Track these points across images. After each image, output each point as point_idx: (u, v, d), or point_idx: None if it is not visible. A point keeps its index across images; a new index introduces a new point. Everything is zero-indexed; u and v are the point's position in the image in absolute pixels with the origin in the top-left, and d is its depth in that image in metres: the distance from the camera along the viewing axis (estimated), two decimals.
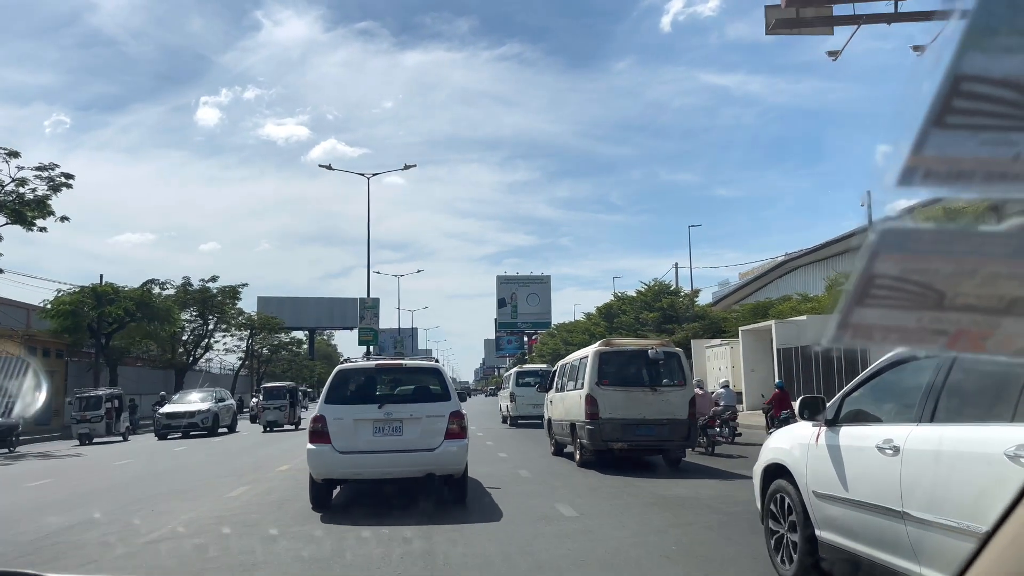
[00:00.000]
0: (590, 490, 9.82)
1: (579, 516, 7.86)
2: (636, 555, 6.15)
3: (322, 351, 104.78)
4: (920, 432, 3.81)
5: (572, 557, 6.11)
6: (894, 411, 4.26)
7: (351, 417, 8.51)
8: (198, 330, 48.52)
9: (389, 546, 6.45)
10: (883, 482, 3.98)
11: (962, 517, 3.35)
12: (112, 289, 35.02)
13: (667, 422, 11.79)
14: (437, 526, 7.32)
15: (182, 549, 6.84)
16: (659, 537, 6.78)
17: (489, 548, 6.40)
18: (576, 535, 6.91)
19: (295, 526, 7.65)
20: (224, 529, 7.62)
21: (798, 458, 4.99)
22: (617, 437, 11.76)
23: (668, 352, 12.51)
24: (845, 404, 4.70)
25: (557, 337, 59.49)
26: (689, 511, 8.04)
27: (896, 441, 3.91)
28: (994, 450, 3.25)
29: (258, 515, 8.45)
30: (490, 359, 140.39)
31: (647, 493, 9.39)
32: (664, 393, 12.03)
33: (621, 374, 12.19)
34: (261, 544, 6.85)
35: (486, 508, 8.46)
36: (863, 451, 4.25)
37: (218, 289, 47.39)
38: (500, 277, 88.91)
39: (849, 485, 4.37)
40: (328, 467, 8.46)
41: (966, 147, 0.58)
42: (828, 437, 4.65)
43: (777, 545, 5.24)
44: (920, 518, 3.66)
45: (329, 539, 6.92)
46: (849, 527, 4.38)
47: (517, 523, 7.54)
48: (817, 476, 4.72)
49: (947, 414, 3.72)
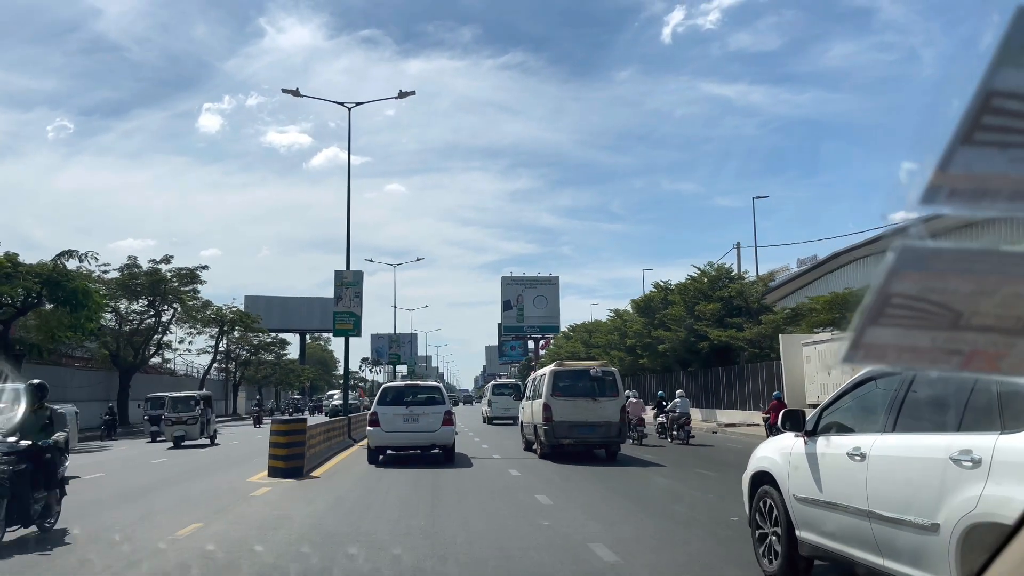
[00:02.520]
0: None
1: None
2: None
3: (316, 355, 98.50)
4: (884, 440, 4.25)
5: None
6: (863, 422, 4.61)
7: (391, 412, 15.00)
8: (149, 323, 39.05)
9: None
10: (852, 485, 4.38)
11: (918, 514, 3.76)
12: (10, 262, 25.37)
13: (604, 424, 15.18)
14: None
15: None
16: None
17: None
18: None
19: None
20: None
21: (781, 466, 5.30)
22: (566, 435, 15.10)
23: (606, 371, 16.20)
24: (823, 417, 5.03)
25: (575, 339, 54.44)
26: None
27: (863, 448, 4.33)
28: (941, 455, 3.73)
29: None
30: (492, 366, 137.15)
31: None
32: (602, 402, 15.35)
33: (570, 388, 15.61)
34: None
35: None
36: (836, 458, 4.61)
37: (172, 272, 38.26)
38: (505, 278, 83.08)
39: (824, 488, 4.72)
40: (379, 440, 15.01)
41: (994, 164, 0.57)
42: (807, 447, 5.02)
43: (762, 545, 5.55)
44: (883, 515, 4.07)
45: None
46: (824, 526, 4.72)
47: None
48: (797, 482, 5.03)
49: (906, 425, 4.15)
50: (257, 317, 52.86)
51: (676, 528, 7.76)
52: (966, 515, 3.43)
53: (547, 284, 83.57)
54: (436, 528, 7.70)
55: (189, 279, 39.41)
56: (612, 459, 15.19)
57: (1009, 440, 3.37)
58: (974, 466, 3.47)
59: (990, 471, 3.37)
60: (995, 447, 3.40)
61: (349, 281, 25.56)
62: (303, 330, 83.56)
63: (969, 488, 3.46)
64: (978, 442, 3.51)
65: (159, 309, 39.34)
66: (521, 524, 7.99)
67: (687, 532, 7.52)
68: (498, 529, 7.74)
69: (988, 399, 3.59)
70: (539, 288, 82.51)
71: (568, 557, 6.33)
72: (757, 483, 5.75)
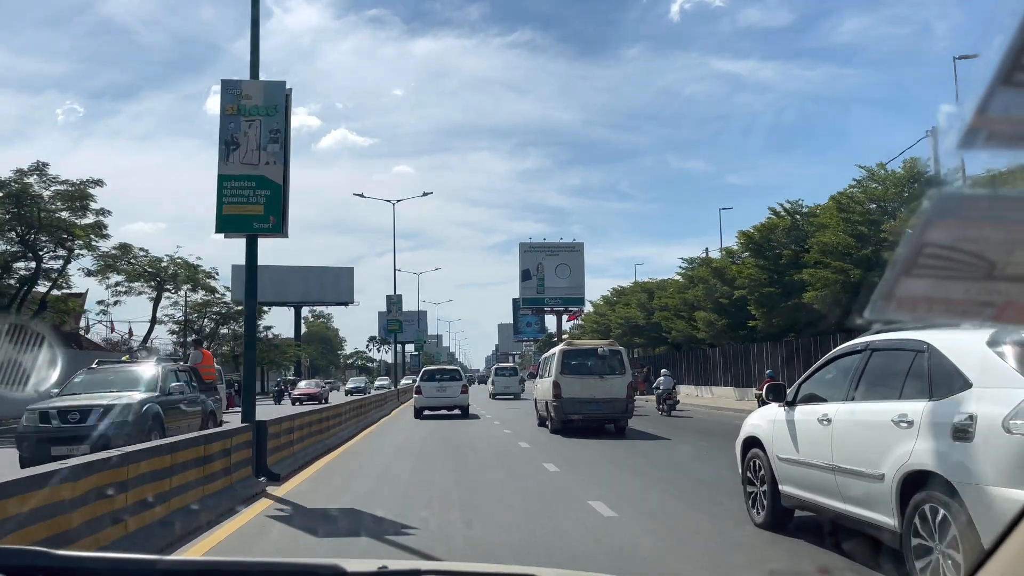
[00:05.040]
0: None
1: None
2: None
3: (319, 333, 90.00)
4: (844, 407, 5.20)
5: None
6: (831, 392, 5.56)
7: (429, 385, 23.40)
8: (18, 263, 27.07)
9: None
10: (821, 444, 5.36)
11: (868, 466, 4.67)
12: None
13: (611, 400, 15.92)
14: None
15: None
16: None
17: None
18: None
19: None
20: None
21: (767, 431, 6.29)
22: (575, 411, 15.95)
23: (613, 350, 17.14)
24: (801, 389, 6.04)
25: (626, 301, 43.68)
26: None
27: (830, 415, 5.30)
28: (885, 419, 4.64)
29: None
30: (505, 344, 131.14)
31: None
32: (609, 379, 16.16)
33: (578, 366, 16.47)
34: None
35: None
36: (809, 423, 5.58)
37: (52, 193, 25.60)
38: (524, 244, 74.67)
39: (800, 448, 5.71)
40: (421, 403, 23.13)
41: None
42: (787, 414, 6.01)
43: (752, 500, 6.59)
44: (843, 468, 4.98)
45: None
46: (800, 480, 5.68)
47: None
48: (779, 444, 6.00)
49: (862, 394, 5.08)
50: (212, 272, 42.05)
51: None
52: (902, 466, 4.35)
53: (570, 251, 74.04)
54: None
55: (76, 200, 26.02)
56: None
57: (934, 405, 4.27)
58: (908, 427, 4.38)
59: (919, 431, 4.28)
60: (923, 411, 4.30)
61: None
62: (299, 303, 74.00)
63: (905, 444, 4.37)
64: (912, 407, 4.41)
65: (35, 244, 26.30)
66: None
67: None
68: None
69: (921, 373, 4.49)
70: (561, 256, 73.15)
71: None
72: (748, 447, 6.70)
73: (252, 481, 8.33)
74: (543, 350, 67.20)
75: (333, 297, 75.00)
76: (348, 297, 75.18)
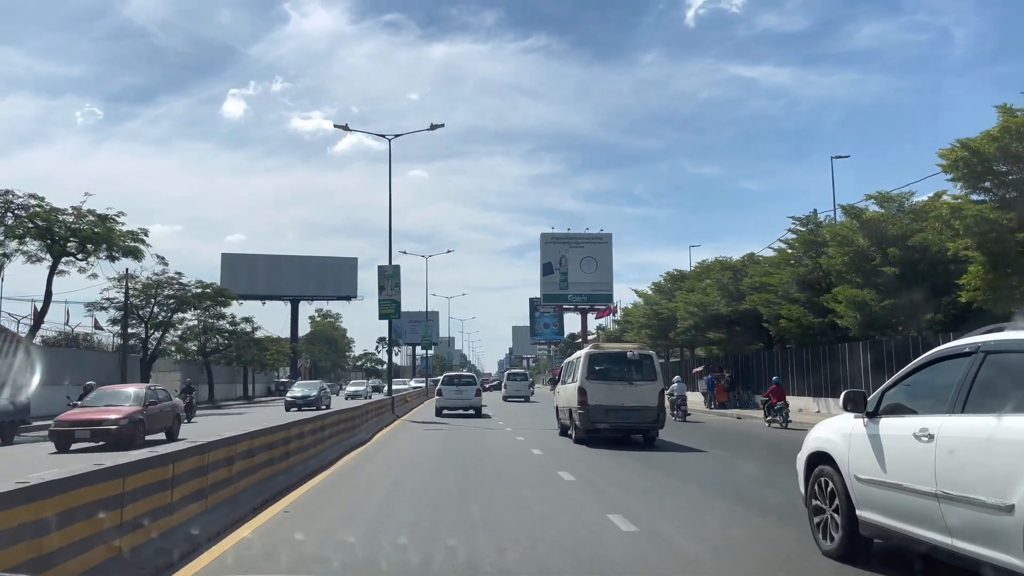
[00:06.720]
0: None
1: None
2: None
3: (325, 333, 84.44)
4: (952, 421, 4.27)
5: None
6: (928, 404, 4.67)
7: (448, 388, 27.99)
8: None
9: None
10: (918, 466, 4.41)
11: (988, 494, 3.79)
12: None
13: (640, 408, 14.77)
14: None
15: None
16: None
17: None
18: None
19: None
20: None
21: (840, 446, 5.40)
22: (602, 419, 14.77)
23: (643, 354, 15.81)
24: (884, 398, 5.15)
25: (702, 284, 32.11)
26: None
27: (930, 429, 4.36)
28: (1014, 437, 3.73)
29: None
30: (520, 347, 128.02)
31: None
32: (639, 386, 14.98)
33: (606, 371, 15.30)
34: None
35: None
36: (900, 438, 4.68)
37: None
38: (546, 235, 69.20)
39: (888, 469, 4.79)
40: (442, 403, 27.40)
41: None
42: (869, 427, 5.11)
43: (820, 524, 5.65)
44: (952, 495, 4.09)
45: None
46: (887, 506, 4.78)
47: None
48: (859, 462, 5.12)
49: (975, 406, 4.18)
50: (139, 232, 30.59)
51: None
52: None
53: (597, 243, 68.47)
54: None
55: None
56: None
57: None
58: None
59: None
60: None
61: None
62: (296, 296, 68.14)
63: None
64: None
65: None
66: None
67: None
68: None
69: None
70: (587, 248, 67.88)
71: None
72: (814, 463, 5.83)
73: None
74: (564, 352, 61.27)
75: (333, 290, 69.90)
76: (350, 291, 70.33)
